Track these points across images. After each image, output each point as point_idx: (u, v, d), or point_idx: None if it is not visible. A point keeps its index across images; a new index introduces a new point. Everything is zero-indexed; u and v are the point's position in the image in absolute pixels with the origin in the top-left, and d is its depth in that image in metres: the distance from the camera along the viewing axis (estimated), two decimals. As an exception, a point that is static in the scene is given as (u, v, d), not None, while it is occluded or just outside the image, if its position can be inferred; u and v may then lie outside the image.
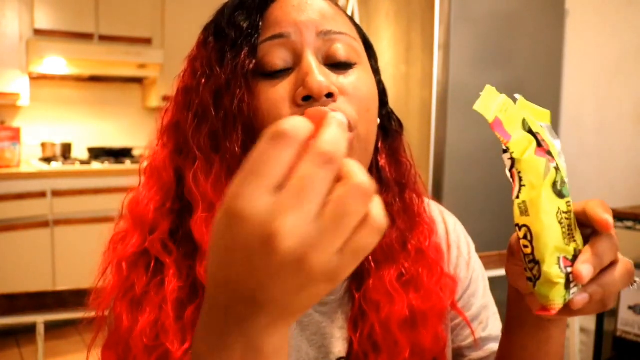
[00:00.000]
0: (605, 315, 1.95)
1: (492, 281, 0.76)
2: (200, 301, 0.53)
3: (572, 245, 0.44)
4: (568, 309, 0.45)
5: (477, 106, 0.44)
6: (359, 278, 0.61)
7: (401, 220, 0.62)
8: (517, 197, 0.44)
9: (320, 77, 0.52)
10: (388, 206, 0.61)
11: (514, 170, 0.44)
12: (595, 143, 2.21)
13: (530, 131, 0.45)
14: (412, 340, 0.59)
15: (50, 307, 0.98)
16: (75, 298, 0.97)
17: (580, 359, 1.54)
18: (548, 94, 2.22)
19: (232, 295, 0.33)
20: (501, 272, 1.29)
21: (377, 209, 0.32)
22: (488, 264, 1.31)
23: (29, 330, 1.95)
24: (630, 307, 1.92)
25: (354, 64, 0.56)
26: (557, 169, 0.44)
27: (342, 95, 0.54)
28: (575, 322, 1.34)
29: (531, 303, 0.53)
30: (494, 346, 0.67)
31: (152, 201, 0.57)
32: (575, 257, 0.44)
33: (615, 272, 0.45)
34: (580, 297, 0.44)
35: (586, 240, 0.45)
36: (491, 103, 0.45)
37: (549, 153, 0.45)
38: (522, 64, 2.11)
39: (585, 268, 0.43)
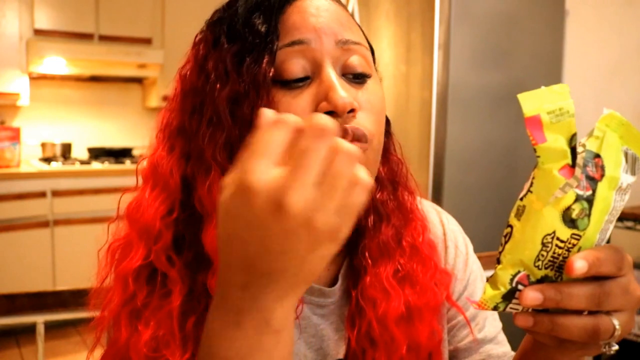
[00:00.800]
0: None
1: (492, 281, 0.76)
2: (202, 312, 0.53)
3: (545, 272, 0.42)
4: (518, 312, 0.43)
5: (523, 95, 0.41)
6: (355, 275, 0.62)
7: (396, 218, 0.63)
8: (521, 199, 0.43)
9: (343, 92, 0.51)
10: (383, 204, 0.62)
11: (532, 172, 0.42)
12: (595, 143, 2.19)
13: (573, 149, 0.41)
14: (409, 336, 0.60)
15: (50, 307, 0.98)
16: (75, 298, 0.97)
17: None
18: (548, 94, 2.22)
19: (250, 271, 0.37)
20: (501, 272, 1.29)
21: (362, 171, 0.36)
22: (488, 264, 1.31)
23: (29, 330, 1.94)
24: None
25: (369, 76, 0.56)
26: (586, 199, 0.40)
27: (360, 110, 0.54)
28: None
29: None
30: (490, 348, 0.67)
31: (158, 211, 0.55)
32: (540, 282, 0.42)
33: (579, 319, 0.41)
34: (524, 317, 0.42)
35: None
36: (544, 100, 0.41)
37: (590, 179, 0.41)
38: (522, 64, 2.11)
39: (531, 294, 0.41)
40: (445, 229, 0.71)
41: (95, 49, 3.43)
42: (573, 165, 0.41)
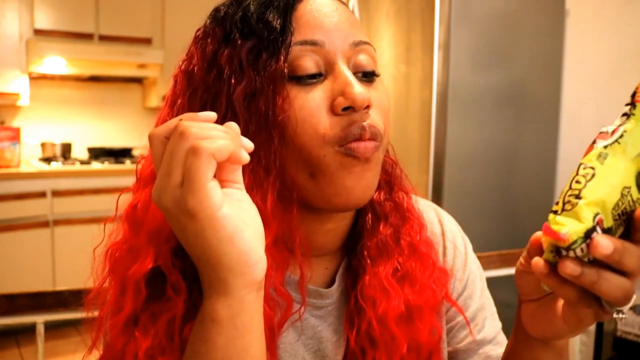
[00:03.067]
0: (605, 315, 1.94)
1: (493, 281, 0.76)
2: None
3: (612, 223, 0.42)
4: (553, 276, 0.42)
5: None
6: (354, 275, 0.62)
7: (393, 217, 0.63)
8: (605, 146, 0.43)
9: (361, 88, 0.52)
10: (380, 204, 0.63)
11: (620, 126, 0.43)
12: (595, 143, 2.19)
13: None
14: (409, 335, 0.60)
15: (50, 307, 0.98)
16: (75, 298, 0.97)
17: (580, 359, 1.54)
18: (548, 94, 2.22)
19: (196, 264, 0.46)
20: (501, 272, 1.29)
21: (204, 141, 0.41)
22: (488, 264, 1.31)
23: (29, 330, 1.94)
24: (630, 307, 1.92)
25: (377, 75, 0.57)
26: None
27: (372, 108, 0.54)
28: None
29: (524, 310, 0.53)
30: (490, 349, 0.66)
31: None
32: (605, 232, 0.41)
33: (620, 278, 0.41)
34: (572, 264, 0.40)
35: None
36: None
37: None
38: (522, 64, 2.11)
39: (605, 242, 0.39)
40: (444, 228, 0.71)
41: (95, 49, 3.43)
42: None
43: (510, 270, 1.35)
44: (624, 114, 0.44)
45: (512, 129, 2.09)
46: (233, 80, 0.52)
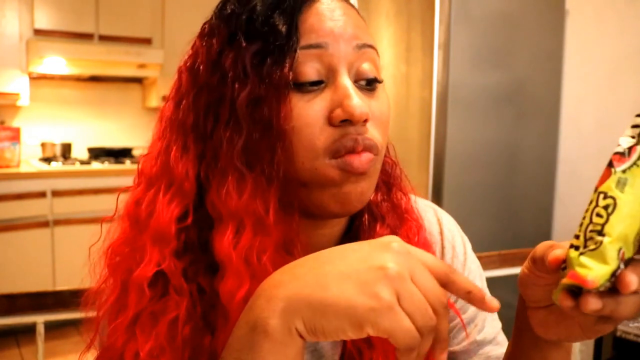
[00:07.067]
0: (605, 315, 1.94)
1: (493, 281, 0.76)
2: (198, 318, 0.52)
3: (632, 252, 0.41)
4: (575, 308, 0.42)
5: None
6: None
7: (390, 218, 0.62)
8: (624, 171, 0.41)
9: (360, 101, 0.51)
10: (377, 205, 0.62)
11: (637, 145, 0.42)
12: (595, 143, 2.20)
13: None
14: None
15: (50, 307, 0.98)
16: (75, 298, 0.96)
17: (580, 359, 1.54)
18: (548, 94, 2.22)
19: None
20: (501, 272, 1.29)
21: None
22: (488, 264, 1.31)
23: (29, 330, 1.94)
24: (630, 307, 1.92)
25: (379, 82, 0.56)
26: None
27: (371, 120, 0.53)
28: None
29: (533, 317, 0.52)
30: (490, 349, 0.66)
31: (173, 215, 0.53)
32: (626, 263, 0.41)
33: (634, 298, 0.41)
34: (595, 300, 0.40)
35: None
36: None
37: None
38: (522, 64, 2.11)
39: (631, 279, 0.39)
40: (442, 228, 0.70)
41: (95, 49, 3.43)
42: None
43: (510, 271, 1.35)
44: (635, 126, 0.42)
45: (512, 129, 2.09)
46: (237, 85, 0.51)
